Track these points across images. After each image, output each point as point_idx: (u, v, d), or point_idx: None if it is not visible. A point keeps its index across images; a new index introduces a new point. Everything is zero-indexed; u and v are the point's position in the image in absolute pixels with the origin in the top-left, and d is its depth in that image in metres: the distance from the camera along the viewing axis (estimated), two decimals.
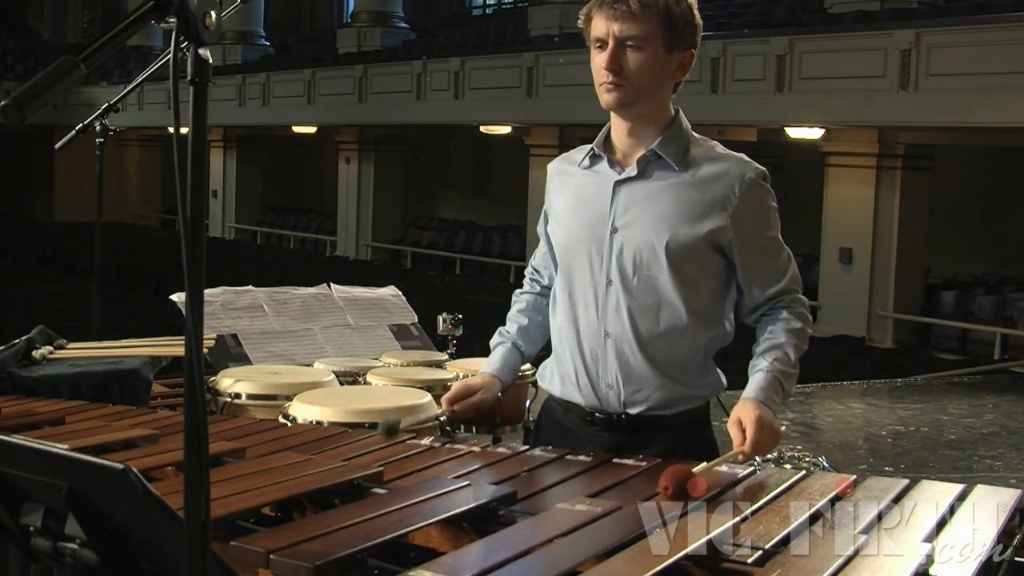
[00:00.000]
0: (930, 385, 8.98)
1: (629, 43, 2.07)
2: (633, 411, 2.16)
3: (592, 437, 2.19)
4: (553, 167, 2.35)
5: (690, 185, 2.11)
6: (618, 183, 2.15)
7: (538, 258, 2.42)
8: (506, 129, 17.51)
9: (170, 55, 1.12)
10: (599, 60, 2.10)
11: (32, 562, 1.47)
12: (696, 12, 2.14)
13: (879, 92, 11.72)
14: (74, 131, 4.10)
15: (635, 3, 2.05)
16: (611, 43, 2.07)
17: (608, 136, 2.21)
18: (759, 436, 2.00)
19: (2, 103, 1.06)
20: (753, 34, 13.79)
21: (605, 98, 2.11)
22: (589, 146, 2.24)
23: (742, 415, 2.04)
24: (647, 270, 2.12)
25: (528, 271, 2.47)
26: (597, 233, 2.16)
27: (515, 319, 2.40)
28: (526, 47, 16.81)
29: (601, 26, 2.09)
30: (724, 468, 2.00)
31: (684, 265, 2.11)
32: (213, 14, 1.13)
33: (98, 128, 4.27)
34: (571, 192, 2.25)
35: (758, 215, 2.12)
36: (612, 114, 2.18)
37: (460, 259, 19.94)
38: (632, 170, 2.15)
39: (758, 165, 2.15)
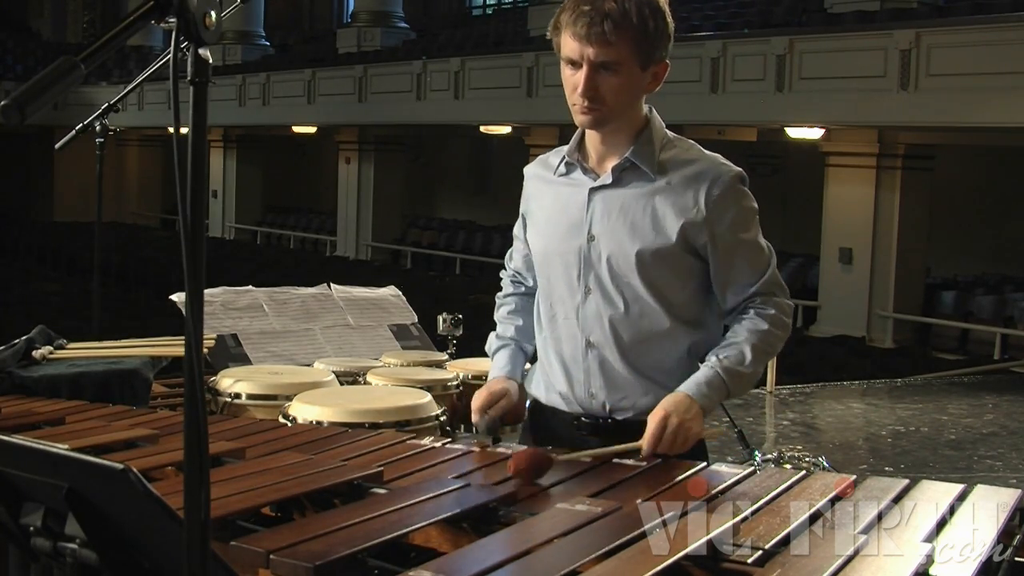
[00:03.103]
0: (930, 385, 8.97)
1: (603, 67, 2.01)
2: (620, 417, 2.14)
3: (580, 442, 2.16)
4: (530, 171, 2.31)
5: (664, 191, 2.08)
6: (593, 190, 2.13)
7: (518, 260, 2.39)
8: (506, 129, 17.51)
9: (170, 55, 1.12)
10: (571, 79, 2.04)
11: (32, 562, 1.47)
12: (670, 21, 2.06)
13: (879, 92, 11.72)
14: (74, 131, 4.10)
15: (609, 27, 1.97)
16: (586, 67, 2.01)
17: (581, 141, 2.18)
18: (658, 434, 1.99)
19: (2, 103, 1.06)
20: (753, 34, 13.79)
21: (579, 119, 2.07)
22: (563, 150, 2.21)
23: (656, 409, 2.03)
24: (624, 278, 2.09)
25: (508, 273, 2.44)
26: (574, 242, 2.14)
27: (509, 320, 2.37)
28: (526, 47, 16.79)
29: (573, 46, 2.02)
30: (723, 468, 2.00)
31: (659, 273, 2.08)
32: (213, 14, 1.13)
33: (98, 128, 4.28)
34: (548, 200, 2.22)
35: (731, 217, 2.08)
36: None
37: (460, 259, 19.94)
38: (607, 177, 2.12)
39: (734, 167, 2.12)
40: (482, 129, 17.88)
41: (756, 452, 4.44)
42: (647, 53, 2.03)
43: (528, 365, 2.36)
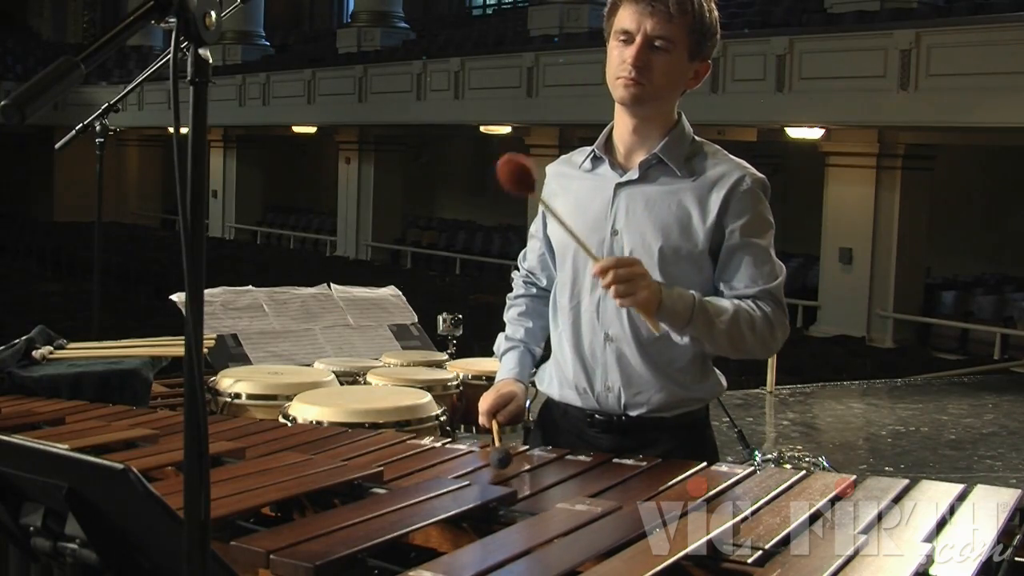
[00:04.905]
0: (930, 385, 8.97)
1: (657, 43, 2.04)
2: (633, 413, 2.15)
3: (592, 439, 2.18)
4: (552, 169, 2.32)
5: (690, 191, 2.10)
6: (619, 185, 2.14)
7: (532, 260, 2.39)
8: (506, 129, 17.50)
9: (170, 55, 1.12)
10: (622, 53, 2.07)
11: (32, 562, 1.47)
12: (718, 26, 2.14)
13: (879, 92, 11.72)
14: (74, 131, 4.10)
15: (674, 4, 2.04)
16: (640, 39, 2.05)
17: (609, 137, 2.20)
18: (619, 262, 1.93)
19: (2, 103, 1.06)
20: (753, 34, 13.79)
21: (621, 93, 2.09)
22: (590, 148, 2.23)
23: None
24: None
25: (520, 274, 2.43)
26: (597, 235, 2.14)
27: (519, 322, 2.37)
28: (526, 47, 16.79)
29: (631, 19, 2.06)
30: (723, 468, 2.00)
31: (680, 270, 2.08)
32: (213, 14, 1.13)
33: (98, 128, 4.28)
34: (571, 195, 2.23)
35: (746, 220, 2.08)
36: (617, 111, 2.17)
37: (460, 259, 19.94)
38: (634, 173, 2.13)
39: (759, 173, 2.13)
40: (482, 129, 17.87)
41: (756, 452, 4.44)
42: (698, 43, 2.09)
43: (534, 369, 2.36)
